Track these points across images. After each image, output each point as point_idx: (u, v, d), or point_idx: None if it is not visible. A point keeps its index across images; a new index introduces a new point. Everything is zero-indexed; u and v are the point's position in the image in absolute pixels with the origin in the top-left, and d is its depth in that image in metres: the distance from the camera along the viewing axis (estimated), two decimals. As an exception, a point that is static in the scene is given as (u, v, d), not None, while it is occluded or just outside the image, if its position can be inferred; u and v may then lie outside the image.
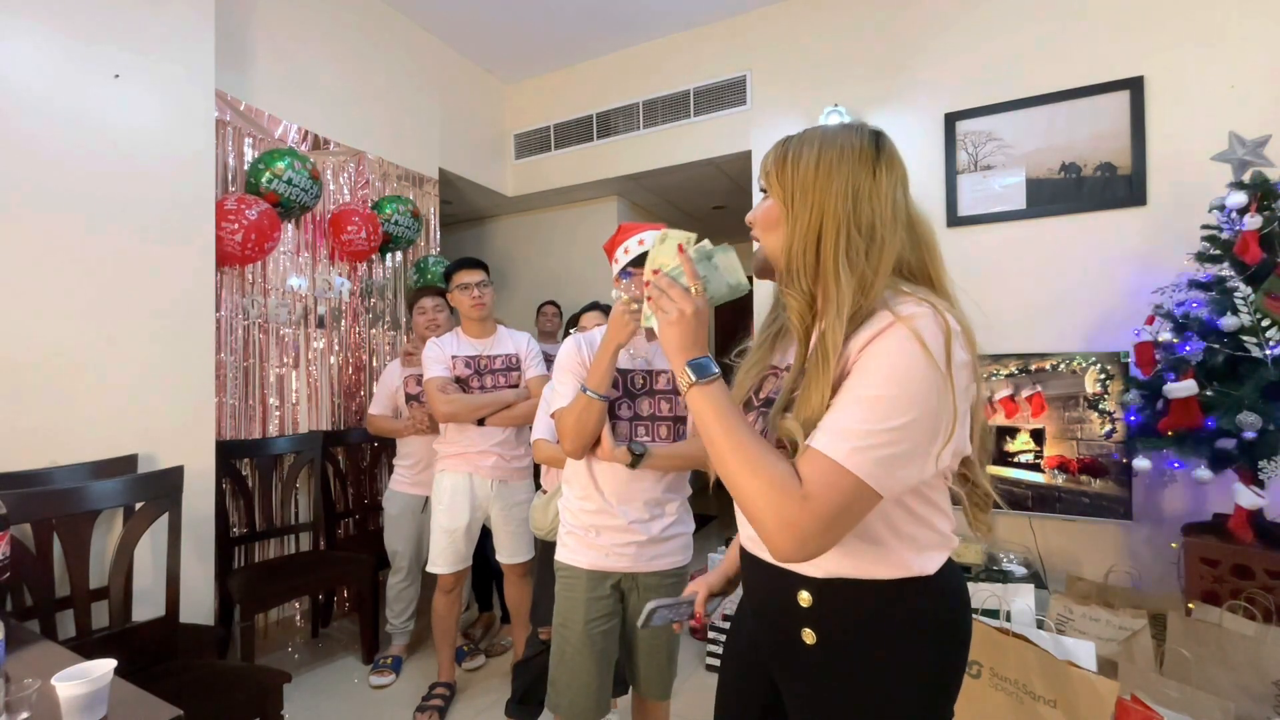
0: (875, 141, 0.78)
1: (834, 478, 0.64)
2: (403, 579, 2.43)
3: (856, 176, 0.75)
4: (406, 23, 3.28)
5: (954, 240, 2.73)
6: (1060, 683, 1.24)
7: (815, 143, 0.78)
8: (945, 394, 0.66)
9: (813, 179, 0.76)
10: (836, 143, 0.77)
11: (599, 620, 1.37)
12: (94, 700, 0.89)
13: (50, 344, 1.72)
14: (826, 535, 0.65)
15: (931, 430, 0.66)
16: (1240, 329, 1.79)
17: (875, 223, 0.74)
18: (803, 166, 0.77)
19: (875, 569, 0.74)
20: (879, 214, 0.74)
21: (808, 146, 0.78)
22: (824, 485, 0.64)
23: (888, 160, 0.77)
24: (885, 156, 0.77)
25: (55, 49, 1.74)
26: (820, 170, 0.76)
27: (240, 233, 2.26)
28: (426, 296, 2.54)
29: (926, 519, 0.76)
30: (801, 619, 0.78)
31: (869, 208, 0.74)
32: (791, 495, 0.65)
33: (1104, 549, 2.42)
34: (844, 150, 0.76)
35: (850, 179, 0.75)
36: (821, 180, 0.75)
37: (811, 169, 0.76)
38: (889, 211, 0.75)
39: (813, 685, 0.78)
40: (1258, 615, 1.59)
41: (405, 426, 2.41)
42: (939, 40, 2.76)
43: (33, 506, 1.47)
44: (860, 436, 0.64)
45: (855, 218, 0.74)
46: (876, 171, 0.75)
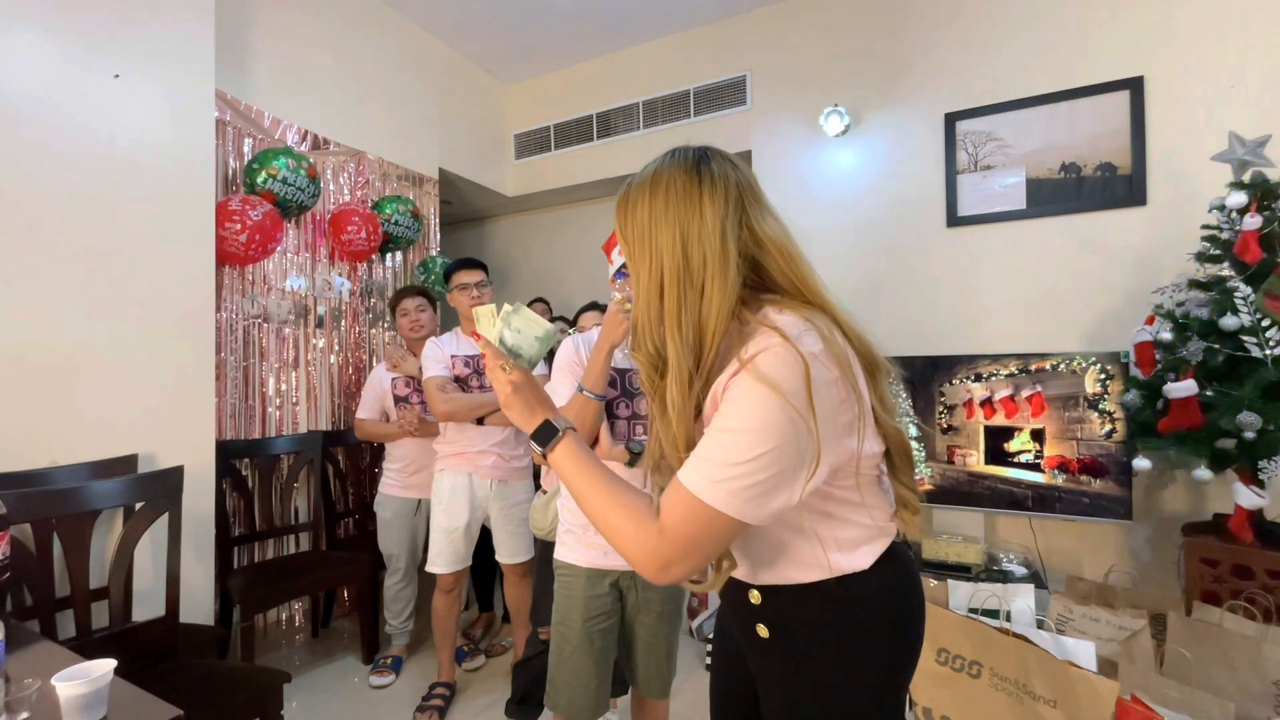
0: (697, 169, 0.75)
1: (690, 509, 0.67)
2: (399, 580, 2.43)
3: (684, 219, 0.72)
4: (406, 23, 3.28)
5: (954, 240, 2.73)
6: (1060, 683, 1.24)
7: (645, 188, 0.76)
8: (803, 422, 0.65)
9: (647, 231, 0.74)
10: (661, 183, 0.75)
11: (597, 619, 1.37)
12: (94, 700, 0.89)
13: (50, 344, 1.72)
14: (687, 561, 0.69)
15: (794, 458, 0.66)
16: (1240, 329, 1.79)
17: (705, 266, 0.71)
18: (638, 218, 0.75)
19: (804, 574, 0.77)
20: (711, 251, 0.71)
21: (640, 193, 0.76)
22: (681, 517, 0.68)
23: (710, 187, 0.73)
24: (708, 183, 0.74)
25: (55, 49, 1.74)
26: (653, 219, 0.74)
27: (245, 233, 2.27)
28: (408, 298, 2.54)
29: (847, 518, 0.77)
30: (755, 615, 0.82)
31: (699, 249, 0.72)
32: (648, 527, 0.69)
33: (1104, 549, 2.42)
34: (669, 191, 0.74)
35: (679, 223, 0.72)
36: (654, 230, 0.74)
37: (645, 219, 0.74)
38: (720, 245, 0.71)
39: (774, 675, 0.82)
40: (1258, 615, 1.59)
41: (395, 430, 2.39)
42: (939, 40, 2.77)
43: (33, 506, 1.47)
44: (718, 468, 0.66)
45: (686, 267, 0.72)
46: (702, 206, 0.73)
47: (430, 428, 2.33)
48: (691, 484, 0.67)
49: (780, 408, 0.64)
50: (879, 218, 2.87)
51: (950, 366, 2.41)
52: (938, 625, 1.46)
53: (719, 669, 1.00)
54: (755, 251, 0.74)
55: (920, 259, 2.79)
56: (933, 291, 2.76)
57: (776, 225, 0.77)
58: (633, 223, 0.76)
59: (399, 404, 2.45)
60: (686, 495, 0.67)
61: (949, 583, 1.94)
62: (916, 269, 2.79)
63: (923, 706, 1.49)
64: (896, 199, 2.84)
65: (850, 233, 2.94)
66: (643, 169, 0.80)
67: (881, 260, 2.87)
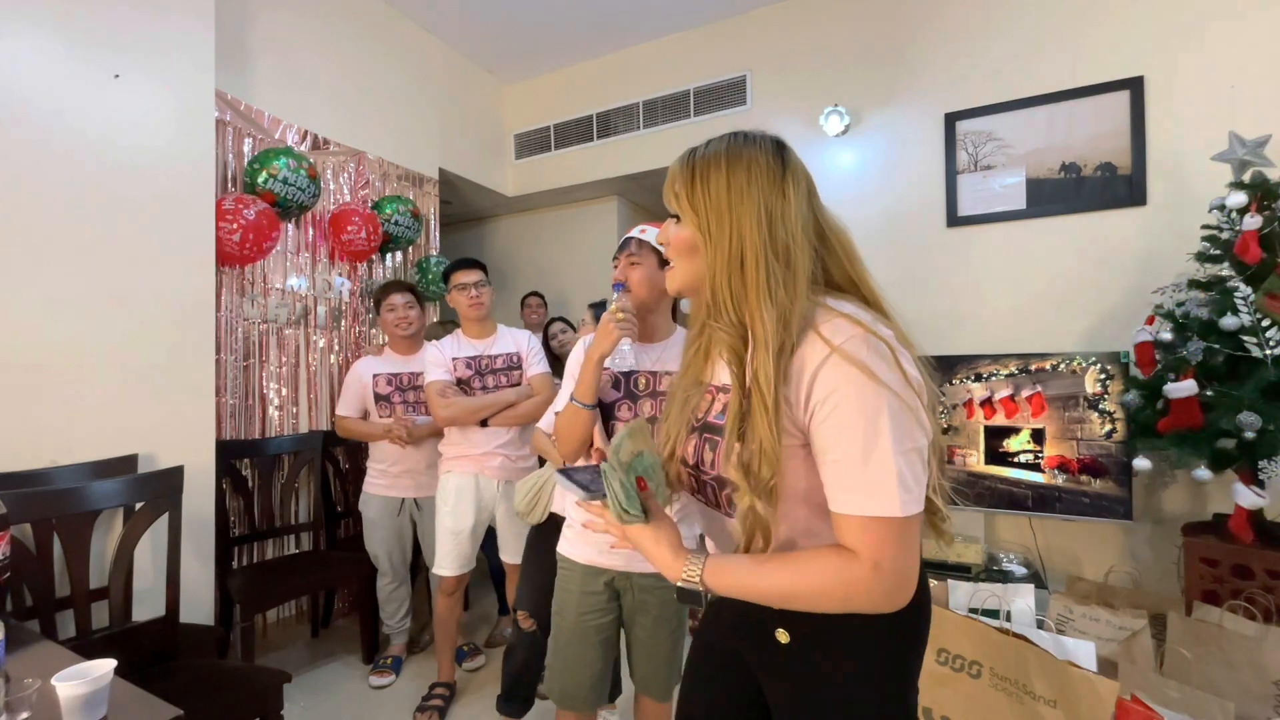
0: (780, 155, 0.77)
1: (891, 531, 0.66)
2: (390, 581, 2.42)
3: (768, 197, 0.74)
4: (406, 23, 3.28)
5: (954, 240, 2.73)
6: (1060, 683, 1.24)
7: (721, 162, 0.76)
8: (907, 402, 0.67)
9: (726, 204, 0.74)
10: (743, 160, 0.75)
11: (591, 614, 1.39)
12: (94, 700, 0.89)
13: (50, 344, 1.72)
14: (910, 575, 0.68)
15: (920, 438, 0.68)
16: (1240, 329, 1.79)
17: (790, 245, 0.73)
18: (714, 190, 0.75)
19: None
20: (792, 235, 0.73)
21: (715, 167, 0.76)
22: (891, 546, 0.66)
23: (793, 173, 0.76)
24: (791, 169, 0.76)
25: (55, 49, 1.74)
26: (733, 193, 0.74)
27: (239, 232, 2.26)
28: (396, 293, 2.46)
29: None
30: (775, 619, 0.79)
31: (783, 230, 0.73)
32: (856, 573, 0.66)
33: (1104, 549, 2.43)
34: (751, 169, 0.75)
35: (763, 201, 0.73)
36: (735, 204, 0.74)
37: (724, 192, 0.74)
38: (800, 231, 0.74)
39: (792, 681, 0.80)
40: (1258, 615, 1.59)
41: (377, 430, 2.35)
42: (939, 40, 2.77)
43: (33, 506, 1.47)
44: (894, 478, 0.65)
45: (772, 243, 0.73)
46: (786, 189, 0.75)
47: (420, 431, 2.33)
48: (886, 508, 0.65)
49: (886, 393, 0.66)
50: (879, 218, 2.87)
51: (950, 366, 2.41)
52: (938, 625, 1.46)
53: (702, 681, 0.95)
54: (819, 245, 0.77)
55: (920, 259, 2.79)
56: (933, 291, 2.76)
57: (839, 222, 0.80)
58: (708, 193, 0.75)
59: (380, 402, 2.43)
60: (887, 523, 0.66)
61: (949, 583, 1.94)
62: (916, 269, 2.79)
63: (923, 706, 1.49)
64: (896, 199, 2.84)
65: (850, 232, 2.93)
66: (707, 145, 0.79)
67: (881, 260, 2.86)
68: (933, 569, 2.30)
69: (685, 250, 0.80)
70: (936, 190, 2.76)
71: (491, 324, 2.25)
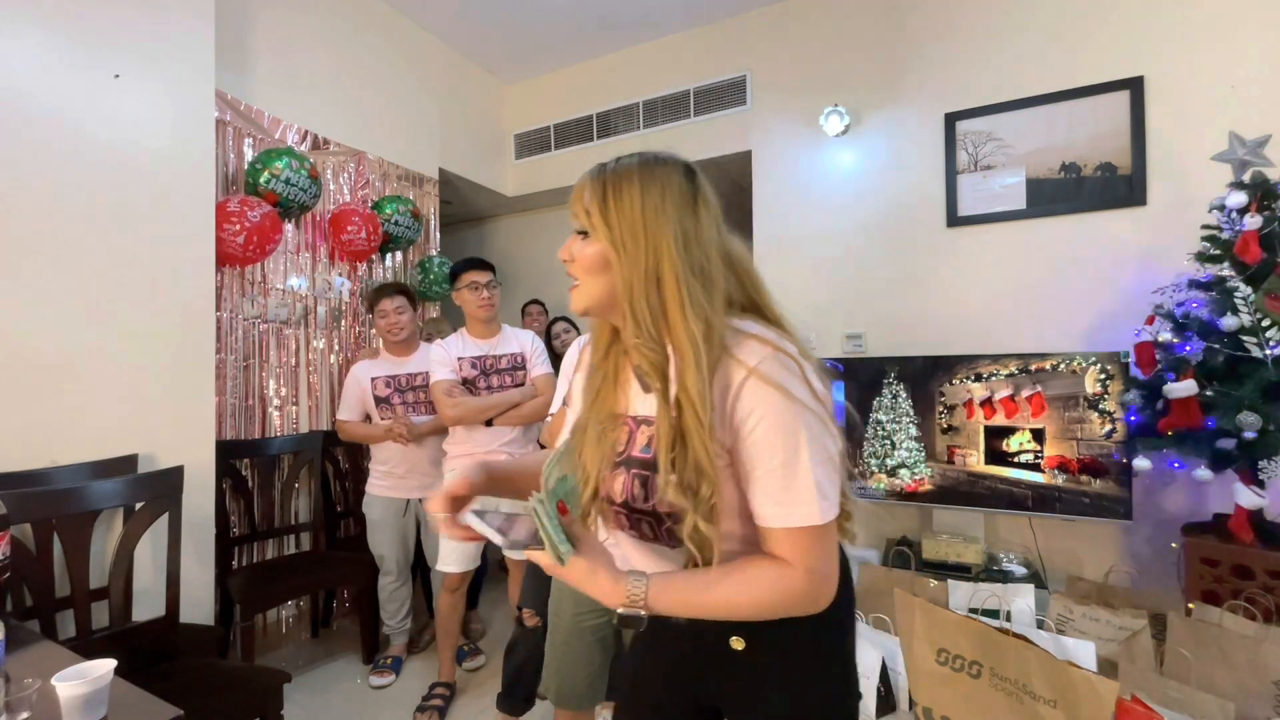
0: (692, 179, 0.78)
1: (817, 537, 0.71)
2: (393, 580, 2.42)
3: (683, 217, 0.75)
4: (406, 23, 3.28)
5: (954, 240, 2.73)
6: (1060, 683, 1.23)
7: (635, 178, 0.75)
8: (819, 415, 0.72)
9: (641, 221, 0.74)
10: (657, 180, 0.75)
11: (587, 614, 1.40)
12: (94, 700, 0.89)
13: (50, 344, 1.72)
14: (834, 575, 0.74)
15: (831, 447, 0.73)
16: (1240, 329, 1.79)
17: (705, 265, 0.74)
18: (628, 207, 0.74)
19: None
20: (707, 255, 0.75)
21: (628, 184, 0.75)
22: (819, 552, 0.71)
23: (704, 198, 0.77)
24: (702, 195, 0.77)
25: (55, 49, 1.74)
26: (648, 210, 0.74)
27: (242, 234, 2.26)
28: (386, 298, 2.44)
29: None
30: (730, 629, 0.81)
31: (698, 250, 0.75)
32: (790, 580, 0.71)
33: (1104, 549, 2.43)
34: (665, 190, 0.75)
35: (678, 220, 0.74)
36: (650, 221, 0.74)
37: (638, 210, 0.74)
38: (713, 253, 0.76)
39: (752, 684, 0.83)
40: (1258, 615, 1.59)
41: (378, 432, 2.35)
42: (939, 40, 2.76)
43: (33, 506, 1.47)
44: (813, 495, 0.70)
45: (689, 262, 0.74)
46: (698, 211, 0.76)
47: (420, 430, 2.33)
48: (809, 518, 0.70)
49: (800, 410, 0.70)
50: (879, 218, 2.87)
51: (950, 366, 2.41)
52: (938, 625, 1.46)
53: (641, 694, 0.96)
54: (727, 270, 0.78)
55: (920, 259, 2.79)
56: (933, 291, 2.76)
57: (742, 248, 0.82)
58: (621, 208, 0.74)
59: (380, 405, 2.43)
60: (813, 532, 0.70)
61: (949, 583, 1.94)
62: (916, 269, 2.79)
63: (923, 706, 1.49)
64: (896, 199, 2.84)
65: (850, 233, 2.94)
66: (618, 161, 0.79)
67: (881, 260, 2.87)
68: (933, 569, 2.30)
69: (595, 267, 0.77)
70: (936, 190, 2.75)
71: (497, 324, 2.26)
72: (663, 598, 0.72)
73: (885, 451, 2.50)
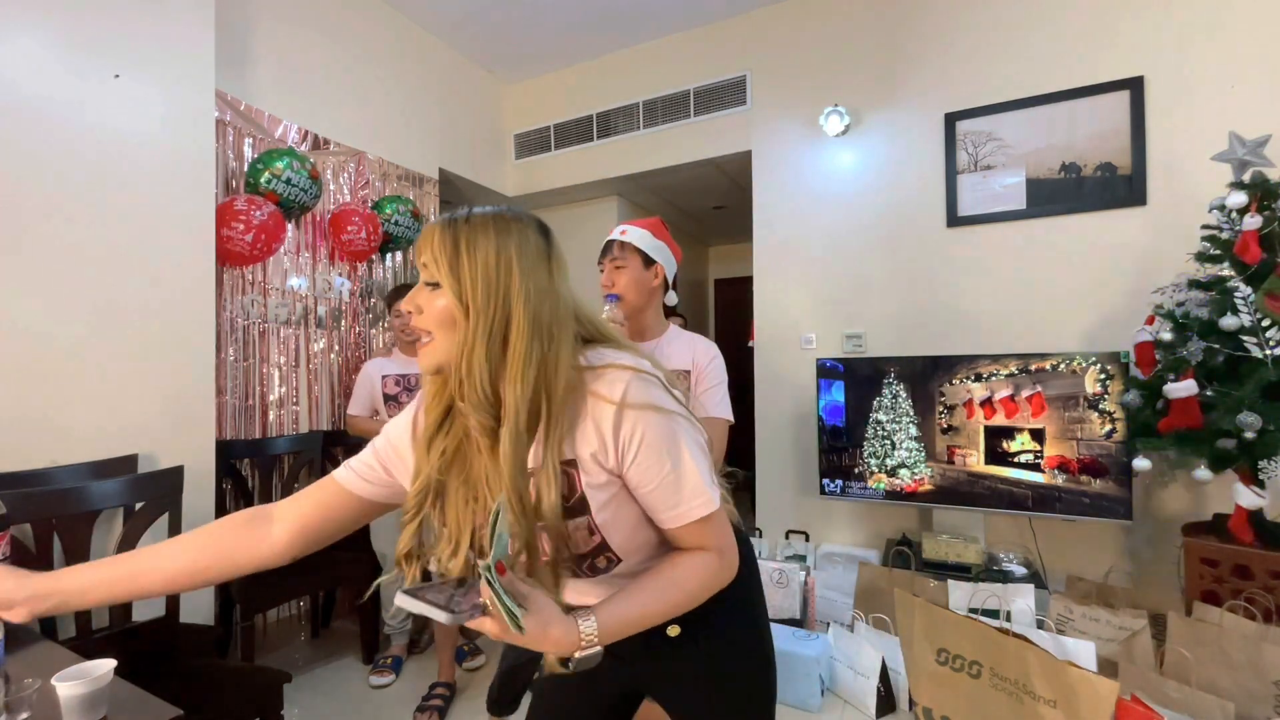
0: (546, 237, 0.79)
1: (718, 521, 0.80)
2: (395, 579, 2.42)
3: (537, 275, 0.75)
4: (406, 22, 3.28)
5: (954, 240, 2.73)
6: (1060, 683, 1.24)
7: (490, 231, 0.74)
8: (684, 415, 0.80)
9: (495, 275, 0.72)
10: (512, 235, 0.75)
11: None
12: (94, 700, 0.89)
13: (50, 344, 1.72)
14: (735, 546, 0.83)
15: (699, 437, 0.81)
16: (1240, 329, 1.79)
17: (553, 319, 0.75)
18: (481, 259, 0.72)
19: None
20: (555, 309, 0.76)
21: (483, 236, 0.73)
22: (719, 531, 0.80)
23: (556, 256, 0.79)
24: (555, 252, 0.79)
25: (55, 49, 1.74)
26: (501, 265, 0.73)
27: (250, 233, 2.27)
28: (401, 300, 2.52)
29: None
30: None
31: (543, 308, 0.74)
32: (712, 565, 0.80)
33: (1104, 549, 2.43)
34: (522, 244, 0.75)
35: (531, 277, 0.74)
36: (504, 276, 0.73)
37: (492, 263, 0.73)
38: (561, 310, 0.77)
39: (690, 663, 0.91)
40: (1258, 615, 1.59)
41: None
42: (939, 40, 2.77)
43: (33, 506, 1.47)
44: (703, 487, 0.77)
45: (537, 319, 0.74)
46: (551, 270, 0.77)
47: None
48: (707, 507, 0.78)
49: (672, 418, 0.77)
50: (879, 218, 2.87)
51: (950, 366, 2.41)
52: (938, 625, 1.46)
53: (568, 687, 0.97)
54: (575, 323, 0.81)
55: (920, 259, 2.79)
56: (933, 291, 2.76)
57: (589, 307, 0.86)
58: (474, 259, 0.72)
59: (388, 402, 2.45)
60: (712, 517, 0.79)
61: (949, 583, 1.94)
62: (916, 269, 2.79)
63: (923, 706, 1.49)
64: (896, 199, 2.84)
65: (850, 233, 2.94)
66: (469, 212, 0.77)
67: (881, 260, 2.87)
68: (933, 569, 2.30)
69: (446, 322, 0.74)
70: (936, 190, 2.76)
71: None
72: (613, 626, 0.72)
73: (885, 451, 2.50)
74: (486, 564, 0.63)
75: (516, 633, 0.64)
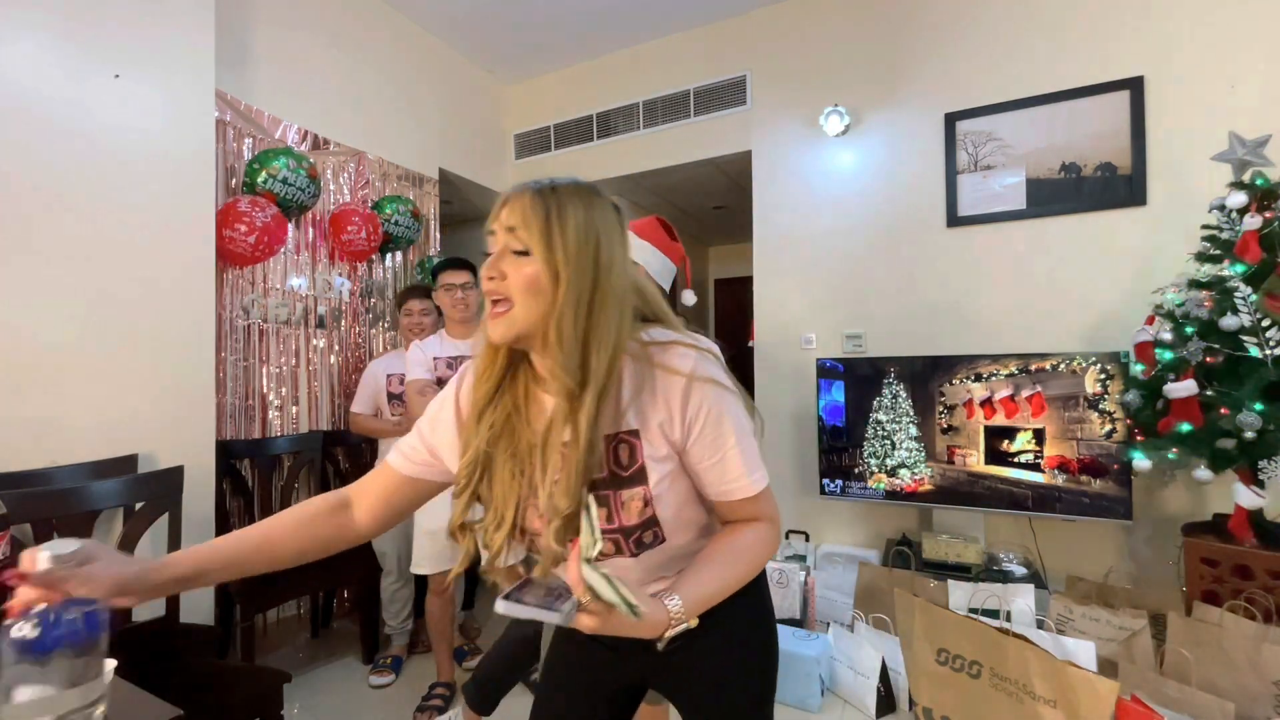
0: (617, 211, 0.82)
1: (769, 492, 0.85)
2: (395, 580, 2.42)
3: (612, 246, 0.78)
4: (406, 23, 3.28)
5: (954, 240, 2.73)
6: (1060, 683, 1.24)
7: (578, 205, 0.76)
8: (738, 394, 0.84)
9: (585, 243, 0.75)
10: (596, 207, 0.78)
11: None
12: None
13: (50, 343, 1.72)
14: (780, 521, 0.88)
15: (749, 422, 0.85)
16: (1240, 329, 1.79)
17: (624, 294, 0.79)
18: (572, 228, 0.74)
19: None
20: (626, 286, 0.80)
21: (571, 205, 0.76)
22: (771, 503, 0.86)
23: (624, 230, 0.82)
24: (624, 230, 0.83)
25: (55, 49, 1.74)
26: (590, 234, 0.75)
27: (253, 235, 2.28)
28: (413, 299, 2.54)
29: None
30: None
31: (621, 280, 0.78)
32: (768, 535, 0.83)
33: (1104, 549, 2.43)
34: (604, 216, 0.78)
35: (612, 249, 0.78)
36: (592, 246, 0.75)
37: (581, 234, 0.75)
38: (629, 280, 0.81)
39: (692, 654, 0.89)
40: (1258, 615, 1.59)
41: (389, 427, 2.38)
42: (939, 40, 2.76)
43: (33, 506, 1.47)
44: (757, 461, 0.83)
45: (616, 289, 0.77)
46: (624, 240, 0.81)
47: None
48: (764, 480, 0.84)
49: (734, 395, 0.82)
50: (879, 218, 2.87)
51: (950, 366, 2.41)
52: (938, 625, 1.46)
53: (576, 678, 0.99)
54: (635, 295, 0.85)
55: (920, 259, 2.79)
56: (933, 291, 2.76)
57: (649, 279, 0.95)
58: (565, 227, 0.74)
59: (391, 401, 2.46)
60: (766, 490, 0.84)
61: (949, 583, 1.94)
62: (916, 269, 2.79)
63: (923, 706, 1.49)
64: (896, 199, 2.84)
65: (850, 232, 2.94)
66: (553, 182, 0.78)
67: (881, 260, 2.87)
68: (933, 569, 2.30)
69: (532, 288, 0.74)
70: (936, 190, 2.76)
71: (476, 324, 2.25)
72: (696, 600, 0.74)
73: (885, 451, 2.50)
74: (588, 557, 0.65)
75: (632, 620, 0.65)
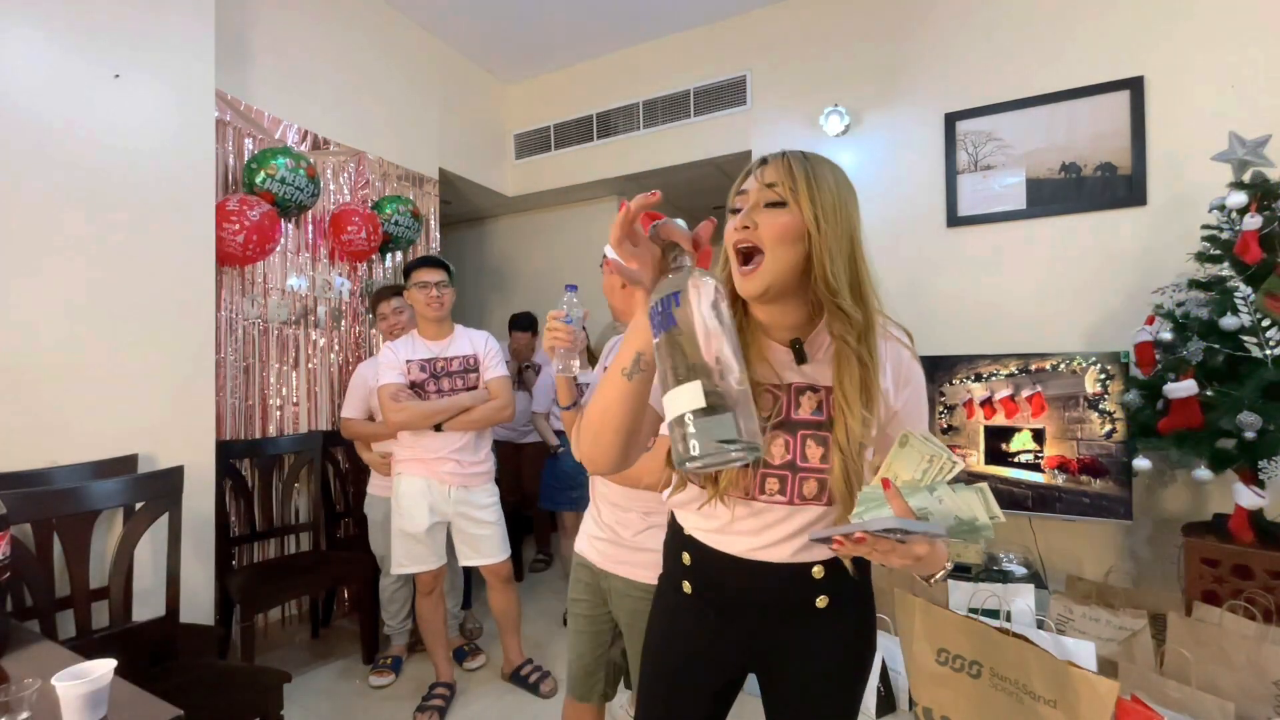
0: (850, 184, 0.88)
1: None
2: (394, 580, 2.41)
3: (854, 212, 0.86)
4: (406, 23, 3.28)
5: (954, 240, 2.73)
6: (1060, 683, 1.24)
7: (827, 167, 0.85)
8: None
9: (838, 202, 0.82)
10: (842, 177, 0.86)
11: (579, 602, 1.42)
12: (94, 700, 0.89)
13: (50, 344, 1.72)
14: None
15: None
16: (1240, 329, 1.79)
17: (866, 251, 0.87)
18: (827, 188, 0.82)
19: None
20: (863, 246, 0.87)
21: (825, 169, 0.84)
22: None
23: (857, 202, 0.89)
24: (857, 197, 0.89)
25: (56, 49, 1.74)
26: (841, 196, 0.83)
27: (242, 233, 2.26)
28: (385, 300, 2.49)
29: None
30: (816, 590, 0.91)
31: (861, 236, 0.87)
32: None
33: (1104, 549, 2.42)
34: (849, 187, 0.86)
35: (856, 210, 0.86)
36: (842, 205, 0.83)
37: (835, 193, 0.82)
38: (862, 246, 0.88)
39: (820, 634, 0.93)
40: (1258, 615, 1.59)
41: (381, 430, 2.34)
42: (939, 40, 2.76)
43: (33, 506, 1.47)
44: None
45: (862, 244, 0.86)
46: (858, 209, 0.87)
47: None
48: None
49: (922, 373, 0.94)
50: (879, 218, 2.87)
51: (950, 366, 2.41)
52: (938, 625, 1.46)
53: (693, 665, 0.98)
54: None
55: (920, 259, 2.79)
56: (933, 291, 2.76)
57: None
58: (821, 191, 0.81)
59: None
60: None
61: (949, 583, 1.94)
62: (916, 269, 2.79)
63: (923, 706, 1.49)
64: (896, 199, 2.84)
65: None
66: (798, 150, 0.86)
67: (881, 260, 2.82)
68: (933, 569, 2.29)
69: (791, 236, 0.80)
70: (936, 190, 2.75)
71: (449, 325, 2.20)
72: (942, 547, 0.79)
73: (885, 451, 2.50)
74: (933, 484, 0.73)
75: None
